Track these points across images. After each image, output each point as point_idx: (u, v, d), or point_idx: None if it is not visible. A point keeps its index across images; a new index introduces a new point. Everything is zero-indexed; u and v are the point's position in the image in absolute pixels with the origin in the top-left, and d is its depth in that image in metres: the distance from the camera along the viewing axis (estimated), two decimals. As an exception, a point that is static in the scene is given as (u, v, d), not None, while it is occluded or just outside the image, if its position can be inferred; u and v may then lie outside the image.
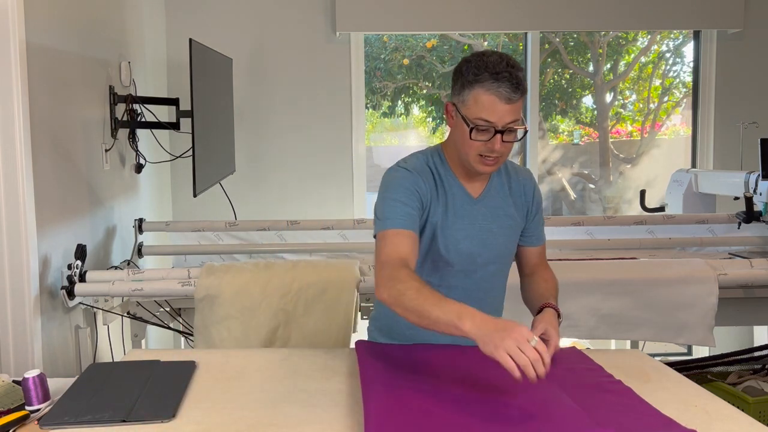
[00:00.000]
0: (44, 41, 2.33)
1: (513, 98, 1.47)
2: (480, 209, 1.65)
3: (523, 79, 1.49)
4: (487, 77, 1.47)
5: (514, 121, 1.50)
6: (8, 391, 1.48)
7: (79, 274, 2.44)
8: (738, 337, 3.99)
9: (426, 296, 1.36)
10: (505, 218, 1.68)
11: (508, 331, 1.24)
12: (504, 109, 1.48)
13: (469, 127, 1.50)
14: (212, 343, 2.39)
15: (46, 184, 2.31)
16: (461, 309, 1.31)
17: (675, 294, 2.41)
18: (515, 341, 1.23)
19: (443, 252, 1.62)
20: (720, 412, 1.32)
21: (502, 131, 1.49)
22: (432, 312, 1.33)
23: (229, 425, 1.26)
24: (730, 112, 4.13)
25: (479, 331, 1.26)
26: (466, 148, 1.54)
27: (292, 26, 3.96)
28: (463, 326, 1.28)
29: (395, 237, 1.51)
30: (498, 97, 1.47)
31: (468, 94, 1.50)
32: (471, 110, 1.50)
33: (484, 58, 1.50)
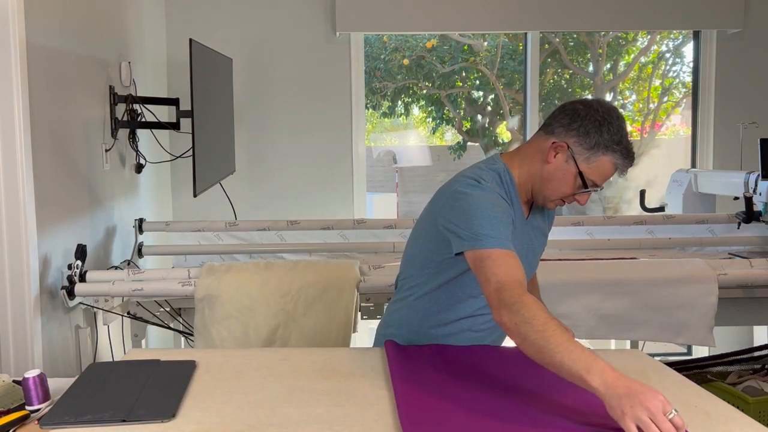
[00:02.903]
0: (44, 41, 2.33)
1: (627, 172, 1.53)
2: (529, 229, 1.66)
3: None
4: (624, 153, 1.49)
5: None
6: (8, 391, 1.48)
7: (79, 274, 2.44)
8: (738, 337, 3.99)
9: (553, 332, 1.23)
10: (543, 237, 1.72)
11: (642, 398, 1.11)
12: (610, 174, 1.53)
13: (585, 184, 1.52)
14: (212, 343, 2.39)
15: (46, 184, 2.31)
16: (590, 361, 1.18)
17: (675, 294, 2.41)
18: (648, 412, 1.09)
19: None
20: (720, 412, 1.32)
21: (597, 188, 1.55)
22: (557, 355, 1.21)
23: (229, 425, 1.26)
24: (730, 112, 4.13)
25: (608, 391, 1.14)
26: (557, 192, 1.56)
27: (292, 26, 3.96)
28: (591, 381, 1.16)
29: (507, 258, 1.39)
30: (618, 172, 1.52)
31: (599, 157, 1.50)
32: (593, 172, 1.51)
33: (621, 123, 1.50)
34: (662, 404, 1.10)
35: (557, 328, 1.24)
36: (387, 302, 2.52)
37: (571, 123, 1.51)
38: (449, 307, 1.64)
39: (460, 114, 5.26)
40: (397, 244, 3.09)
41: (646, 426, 1.09)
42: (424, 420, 1.23)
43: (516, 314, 1.28)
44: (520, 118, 4.75)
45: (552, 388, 1.39)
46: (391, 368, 1.50)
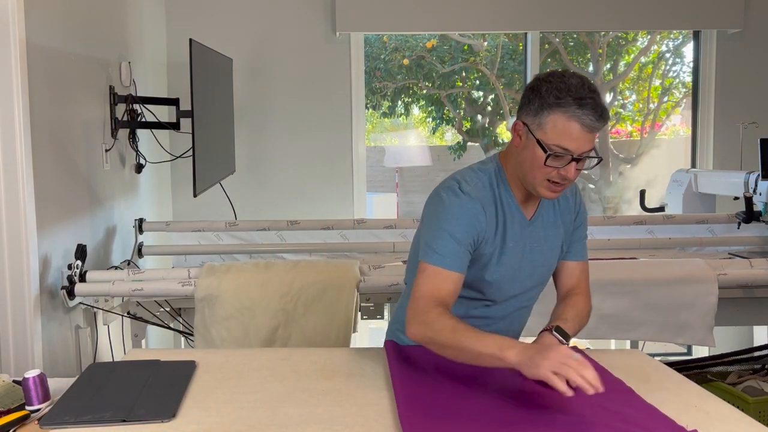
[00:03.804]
0: (44, 41, 2.33)
1: (596, 127, 1.38)
2: (532, 231, 1.59)
3: (606, 107, 1.40)
4: (570, 102, 1.37)
5: (591, 149, 1.43)
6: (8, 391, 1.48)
7: (79, 274, 2.44)
8: (738, 337, 3.99)
9: (463, 331, 1.35)
10: (555, 239, 1.62)
11: (549, 352, 1.23)
12: (584, 138, 1.39)
13: (546, 153, 1.41)
14: (212, 343, 2.39)
15: (46, 184, 2.31)
16: (501, 341, 1.30)
17: (675, 294, 2.41)
18: (556, 358, 1.21)
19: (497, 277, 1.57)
20: (720, 412, 1.32)
21: (578, 159, 1.41)
22: (473, 346, 1.32)
23: (229, 425, 1.26)
24: (730, 112, 4.13)
25: (522, 357, 1.25)
26: (535, 173, 1.45)
27: (292, 26, 3.96)
28: (505, 357, 1.27)
29: (438, 277, 1.46)
30: (581, 124, 1.37)
31: (546, 117, 1.40)
32: (549, 135, 1.40)
33: (566, 79, 1.40)
34: (567, 351, 1.24)
35: (465, 327, 1.37)
36: (387, 302, 2.52)
37: (521, 100, 1.50)
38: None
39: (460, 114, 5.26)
40: (397, 244, 3.09)
41: (561, 367, 1.20)
42: (424, 420, 1.23)
43: (428, 328, 1.40)
44: (520, 118, 4.74)
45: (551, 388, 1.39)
46: (391, 368, 1.50)
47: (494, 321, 1.64)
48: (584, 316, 1.59)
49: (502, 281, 1.58)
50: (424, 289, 1.46)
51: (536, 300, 1.71)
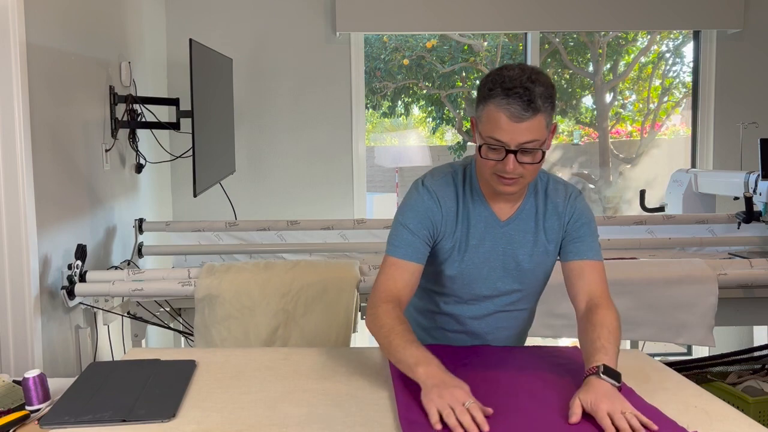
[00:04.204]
0: (44, 41, 2.33)
1: (523, 117, 1.36)
2: (507, 233, 1.56)
3: (540, 95, 1.36)
4: (498, 93, 1.37)
5: (531, 141, 1.39)
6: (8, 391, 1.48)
7: (79, 274, 2.44)
8: (738, 337, 3.99)
9: (395, 336, 1.39)
10: (535, 242, 1.57)
11: (446, 389, 1.23)
12: (514, 129, 1.37)
13: (478, 144, 1.43)
14: (212, 343, 2.39)
15: (46, 184, 2.31)
16: (420, 356, 1.33)
17: (675, 294, 2.41)
18: (448, 401, 1.21)
19: (459, 274, 1.57)
20: (720, 412, 1.32)
21: (515, 151, 1.39)
22: (397, 352, 1.37)
23: (229, 425, 1.26)
24: (730, 112, 4.13)
25: (427, 380, 1.27)
26: (482, 167, 1.46)
27: (292, 26, 3.96)
28: (415, 372, 1.31)
29: (392, 267, 1.52)
30: (507, 115, 1.36)
31: (483, 109, 1.41)
32: (484, 128, 1.41)
33: (503, 72, 1.39)
34: (462, 396, 1.23)
35: (401, 331, 1.40)
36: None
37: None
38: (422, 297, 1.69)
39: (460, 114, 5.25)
40: (397, 244, 3.09)
41: (443, 410, 1.20)
42: (424, 420, 1.23)
43: (373, 323, 1.46)
44: (520, 118, 4.74)
45: (552, 389, 1.39)
46: (391, 368, 1.50)
47: (467, 321, 1.65)
48: (617, 330, 1.44)
49: (465, 278, 1.58)
50: (381, 280, 1.52)
51: (525, 307, 1.68)
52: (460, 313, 1.64)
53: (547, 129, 1.42)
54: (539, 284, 1.66)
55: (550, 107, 1.41)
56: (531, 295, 1.67)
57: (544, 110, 1.39)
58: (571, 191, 1.61)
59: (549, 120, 1.42)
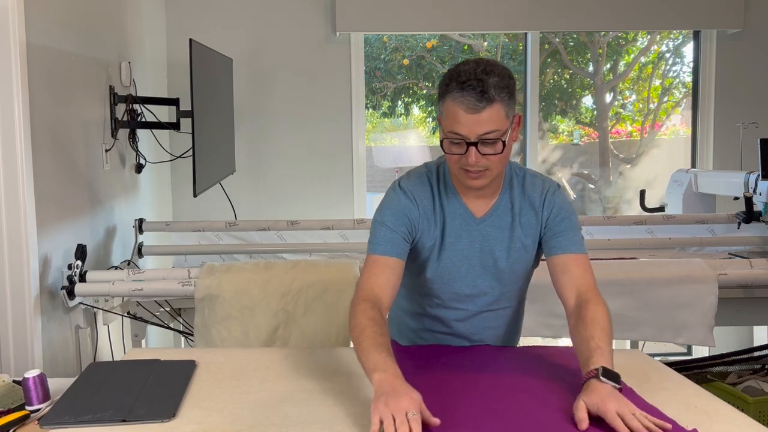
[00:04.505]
0: (44, 41, 2.33)
1: (478, 107, 1.37)
2: (483, 230, 1.57)
3: (495, 86, 1.37)
4: (454, 87, 1.39)
5: (490, 132, 1.40)
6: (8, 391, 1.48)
7: (79, 274, 2.44)
8: (738, 337, 3.99)
9: (364, 338, 1.38)
10: (512, 238, 1.57)
11: (392, 398, 1.20)
12: (471, 120, 1.39)
13: (440, 139, 1.46)
14: (212, 343, 2.39)
15: (46, 184, 2.31)
16: (380, 362, 1.30)
17: (675, 294, 2.41)
18: (392, 410, 1.18)
19: (438, 274, 1.58)
20: (720, 412, 1.32)
21: (476, 143, 1.40)
22: (361, 354, 1.36)
23: (229, 425, 1.26)
24: (730, 112, 4.13)
25: (378, 387, 1.25)
26: (450, 162, 1.49)
27: (292, 26, 3.96)
28: (372, 379, 1.29)
29: (373, 265, 1.53)
30: (463, 107, 1.38)
31: (442, 105, 1.43)
32: (445, 123, 1.43)
33: (459, 67, 1.42)
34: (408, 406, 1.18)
35: (370, 335, 1.37)
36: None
37: None
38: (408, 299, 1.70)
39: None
40: (397, 244, 3.09)
41: (385, 419, 1.17)
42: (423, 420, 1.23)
43: (350, 321, 1.46)
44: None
45: (552, 389, 1.39)
46: None
47: (452, 323, 1.65)
48: (610, 327, 1.42)
49: (444, 277, 1.58)
50: (362, 278, 1.53)
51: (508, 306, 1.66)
52: (445, 315, 1.64)
53: (507, 119, 1.42)
54: (520, 281, 1.64)
55: (507, 97, 1.41)
56: (513, 293, 1.65)
57: (500, 100, 1.39)
58: (548, 186, 1.59)
59: (509, 110, 1.42)
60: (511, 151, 1.48)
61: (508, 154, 1.46)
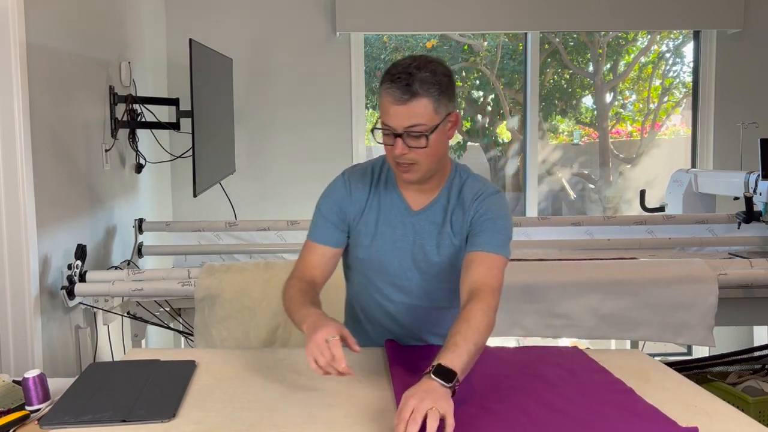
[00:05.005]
0: (44, 41, 2.33)
1: (403, 99, 1.41)
2: (417, 222, 1.60)
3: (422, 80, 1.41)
4: (386, 79, 1.44)
5: (416, 125, 1.43)
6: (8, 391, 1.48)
7: (79, 274, 2.44)
8: (738, 337, 3.99)
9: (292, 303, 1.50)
10: (443, 235, 1.59)
11: (312, 335, 1.32)
12: (397, 112, 1.43)
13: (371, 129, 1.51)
14: (212, 343, 2.39)
15: (46, 184, 2.31)
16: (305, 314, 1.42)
17: (675, 294, 2.41)
18: (315, 343, 1.30)
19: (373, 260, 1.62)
20: (720, 412, 1.32)
21: (401, 135, 1.44)
22: (293, 318, 1.48)
23: (229, 425, 1.26)
24: (730, 112, 4.13)
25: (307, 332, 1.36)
26: (387, 156, 1.53)
27: (292, 26, 3.96)
28: (302, 330, 1.40)
29: (307, 250, 1.64)
30: (390, 99, 1.43)
31: (380, 99, 1.49)
32: (379, 113, 1.49)
33: (399, 61, 1.47)
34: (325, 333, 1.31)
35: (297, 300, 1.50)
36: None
37: None
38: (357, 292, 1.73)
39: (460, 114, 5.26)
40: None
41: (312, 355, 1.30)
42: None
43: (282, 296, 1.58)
44: (520, 118, 4.74)
45: (552, 389, 1.39)
46: (391, 368, 1.50)
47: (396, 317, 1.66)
48: (482, 324, 1.36)
49: (376, 264, 1.62)
50: (297, 262, 1.65)
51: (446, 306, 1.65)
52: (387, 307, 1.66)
53: (437, 115, 1.45)
54: (452, 279, 1.59)
55: (438, 93, 1.44)
56: (448, 293, 1.63)
57: (427, 95, 1.42)
58: (485, 190, 1.59)
59: (439, 106, 1.45)
60: (442, 149, 1.51)
61: (437, 151, 1.49)
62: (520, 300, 2.37)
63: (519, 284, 2.37)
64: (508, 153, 5.12)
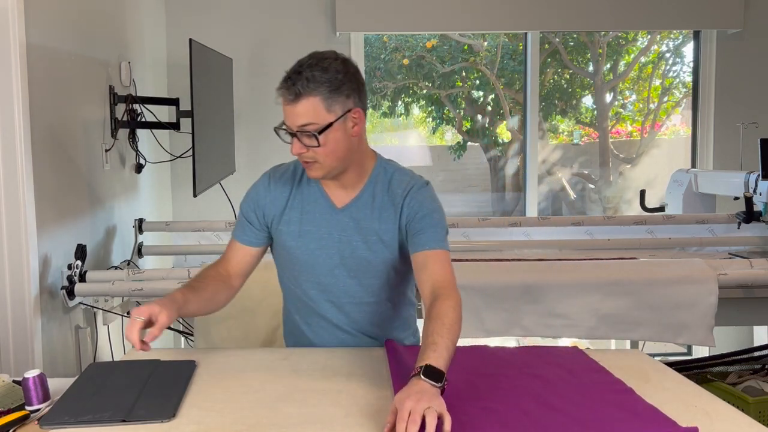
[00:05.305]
0: (44, 41, 2.33)
1: (289, 99, 1.47)
2: (341, 219, 1.60)
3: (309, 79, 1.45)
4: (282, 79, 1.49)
5: (306, 124, 1.46)
6: (8, 391, 1.48)
7: (79, 274, 2.44)
8: (738, 337, 3.99)
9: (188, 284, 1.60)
10: (369, 232, 1.58)
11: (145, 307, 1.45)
12: (288, 112, 1.48)
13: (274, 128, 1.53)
14: (212, 343, 2.39)
15: (46, 184, 2.31)
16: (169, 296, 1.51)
17: (675, 294, 2.41)
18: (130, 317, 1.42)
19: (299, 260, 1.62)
20: (720, 412, 1.32)
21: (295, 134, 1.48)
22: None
23: (229, 425, 1.26)
24: (730, 112, 4.13)
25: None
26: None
27: (292, 26, 3.96)
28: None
29: (229, 245, 1.71)
30: (282, 99, 1.49)
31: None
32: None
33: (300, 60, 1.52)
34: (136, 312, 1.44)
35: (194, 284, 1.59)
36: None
37: None
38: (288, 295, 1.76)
39: (460, 114, 5.26)
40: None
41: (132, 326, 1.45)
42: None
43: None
44: (520, 118, 4.75)
45: (552, 389, 1.39)
46: (391, 368, 1.50)
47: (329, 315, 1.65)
48: (454, 321, 1.38)
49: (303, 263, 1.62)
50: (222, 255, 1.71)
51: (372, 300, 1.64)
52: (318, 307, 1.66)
53: (329, 113, 1.46)
54: (383, 276, 1.62)
55: (328, 91, 1.46)
56: (376, 288, 1.63)
57: (315, 94, 1.45)
58: (413, 184, 1.59)
59: (331, 104, 1.47)
60: (344, 146, 1.52)
61: (336, 149, 1.50)
62: (520, 300, 2.37)
63: (519, 284, 2.37)
64: (508, 153, 5.12)
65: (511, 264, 2.68)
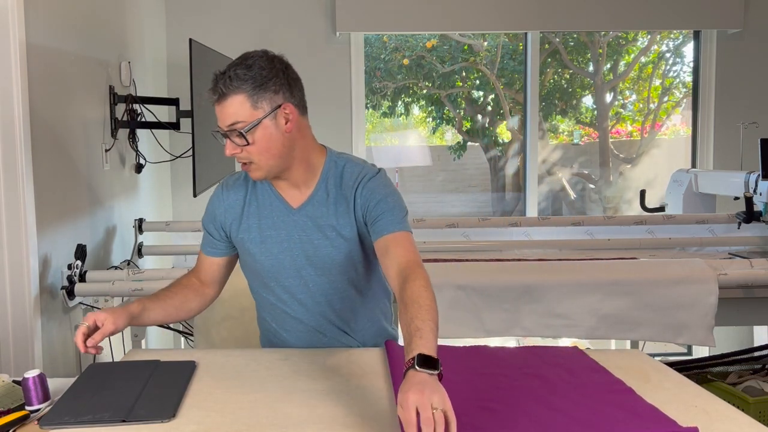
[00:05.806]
0: (44, 41, 2.33)
1: (215, 99, 1.47)
2: (300, 219, 1.59)
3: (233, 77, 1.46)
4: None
5: (233, 123, 1.46)
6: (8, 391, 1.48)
7: (79, 274, 2.44)
8: (738, 337, 3.99)
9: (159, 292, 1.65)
10: (328, 228, 1.58)
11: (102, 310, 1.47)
12: (218, 111, 1.48)
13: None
14: (212, 343, 2.39)
15: (46, 184, 2.31)
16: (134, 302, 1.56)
17: (675, 294, 2.41)
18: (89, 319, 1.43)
19: (265, 266, 1.61)
20: (720, 412, 1.32)
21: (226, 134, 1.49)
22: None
23: (229, 425, 1.26)
24: (730, 112, 4.13)
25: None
26: None
27: (292, 26, 3.96)
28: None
29: (198, 257, 1.75)
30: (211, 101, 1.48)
31: None
32: None
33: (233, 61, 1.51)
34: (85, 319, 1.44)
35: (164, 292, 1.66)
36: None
37: None
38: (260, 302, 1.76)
39: (460, 114, 5.26)
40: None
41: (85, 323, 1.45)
42: None
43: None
44: (520, 118, 4.75)
45: (552, 389, 1.39)
46: (391, 368, 1.50)
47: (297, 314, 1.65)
48: (429, 300, 1.31)
49: (269, 269, 1.61)
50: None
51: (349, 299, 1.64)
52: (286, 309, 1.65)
53: (255, 110, 1.47)
54: (349, 272, 1.61)
55: (252, 88, 1.46)
56: (345, 284, 1.62)
57: (238, 92, 1.46)
58: (364, 174, 1.58)
59: (257, 101, 1.47)
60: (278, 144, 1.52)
61: (270, 146, 1.50)
62: (520, 300, 2.37)
63: (519, 284, 2.37)
64: (508, 153, 5.12)
65: (511, 264, 2.68)
